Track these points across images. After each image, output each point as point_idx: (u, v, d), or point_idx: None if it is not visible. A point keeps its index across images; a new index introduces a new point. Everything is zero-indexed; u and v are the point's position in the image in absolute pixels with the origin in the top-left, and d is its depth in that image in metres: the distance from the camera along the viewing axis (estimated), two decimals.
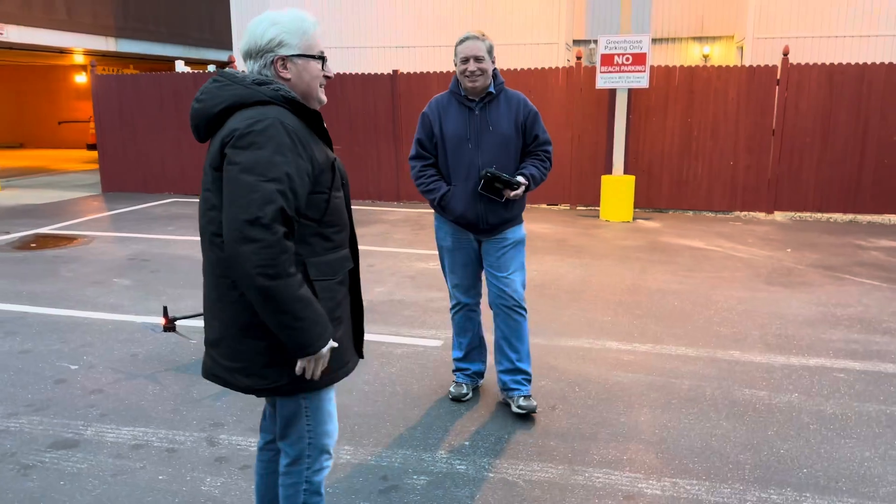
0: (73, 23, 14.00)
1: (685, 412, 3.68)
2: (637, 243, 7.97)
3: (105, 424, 3.49)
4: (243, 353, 1.92)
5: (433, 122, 3.52)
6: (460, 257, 3.64)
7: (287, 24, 1.93)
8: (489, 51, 3.42)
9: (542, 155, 3.62)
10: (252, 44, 1.95)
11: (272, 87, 1.90)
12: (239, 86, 1.90)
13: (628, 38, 9.03)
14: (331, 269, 1.97)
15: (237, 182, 1.78)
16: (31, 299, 5.61)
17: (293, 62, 1.95)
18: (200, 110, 1.93)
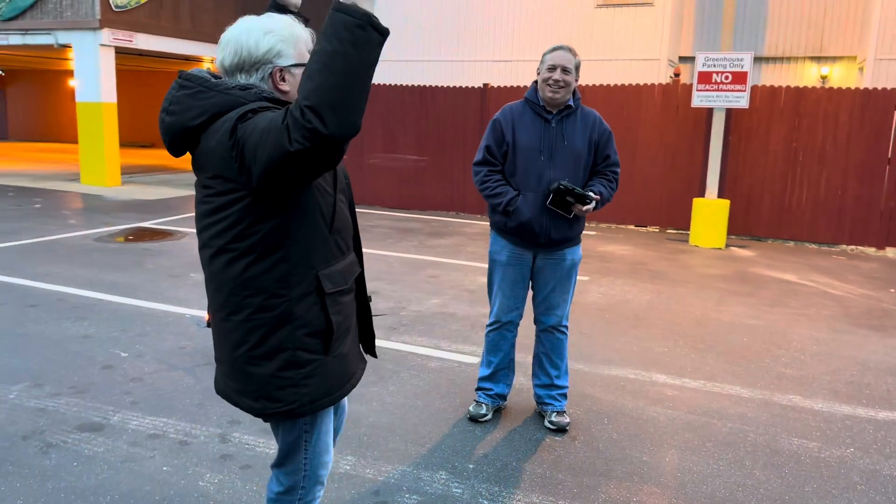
0: (196, 32, 14.96)
1: (717, 457, 3.40)
2: (722, 272, 7.51)
3: (132, 412, 3.64)
4: (253, 376, 1.82)
5: (505, 129, 3.46)
6: (512, 274, 3.55)
7: (280, 31, 1.77)
8: (577, 67, 3.37)
9: (611, 175, 3.51)
10: (244, 55, 1.76)
11: (254, 90, 1.74)
12: (216, 93, 1.72)
13: (728, 55, 8.57)
14: (342, 278, 1.88)
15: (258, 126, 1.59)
16: (110, 288, 5.99)
17: (290, 73, 1.79)
18: (174, 123, 1.75)
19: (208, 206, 1.76)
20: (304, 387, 1.82)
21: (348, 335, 1.94)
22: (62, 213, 9.94)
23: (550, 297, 3.55)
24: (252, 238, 1.73)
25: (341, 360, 1.90)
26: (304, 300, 1.79)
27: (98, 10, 12.79)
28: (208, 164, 1.72)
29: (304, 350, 1.81)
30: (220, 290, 1.81)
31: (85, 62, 13.17)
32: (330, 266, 1.83)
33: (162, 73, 24.82)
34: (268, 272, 1.75)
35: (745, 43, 12.56)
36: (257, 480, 3.03)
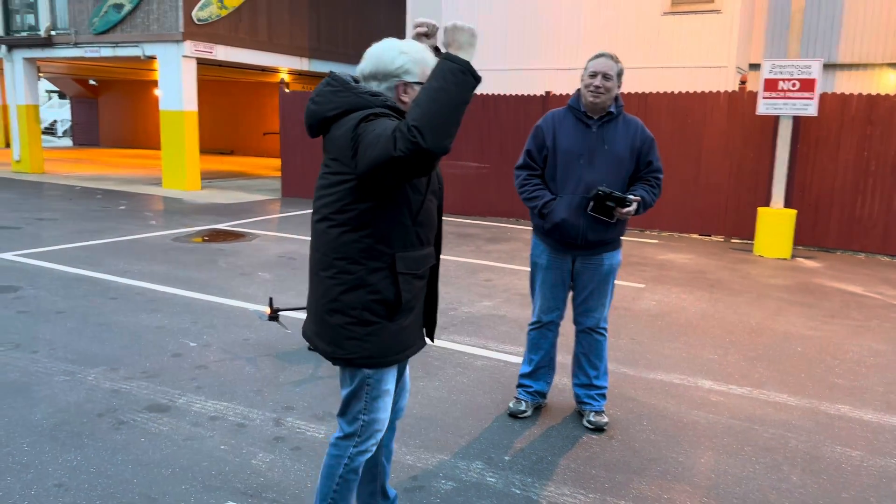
0: (272, 44, 15.60)
1: (754, 461, 3.42)
2: (785, 282, 7.37)
3: (197, 396, 3.93)
4: (328, 323, 2.21)
5: (546, 134, 3.59)
6: (552, 277, 3.67)
7: (413, 54, 2.19)
8: (619, 74, 3.48)
9: (653, 181, 3.60)
10: (381, 67, 2.18)
11: (381, 98, 2.15)
12: (352, 94, 2.15)
13: (796, 62, 8.40)
14: (415, 264, 2.22)
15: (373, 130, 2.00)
16: (185, 283, 6.39)
17: (413, 88, 2.19)
18: (315, 112, 2.20)
19: (324, 182, 2.19)
20: (365, 342, 2.19)
21: (412, 313, 2.28)
22: (144, 215, 10.57)
23: (589, 300, 3.65)
24: (349, 213, 2.13)
25: (402, 330, 2.25)
26: (378, 272, 2.16)
27: (181, 24, 13.53)
28: (332, 148, 2.15)
29: (370, 312, 2.18)
30: (317, 250, 2.23)
31: (168, 73, 13.94)
32: (407, 251, 2.19)
33: (241, 83, 25.88)
34: (355, 243, 2.15)
35: (818, 50, 12.21)
36: (306, 461, 3.25)
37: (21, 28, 16.06)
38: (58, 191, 13.30)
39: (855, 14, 11.91)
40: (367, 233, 2.14)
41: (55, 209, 10.86)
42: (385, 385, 2.30)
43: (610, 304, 3.75)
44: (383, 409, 2.32)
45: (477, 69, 1.99)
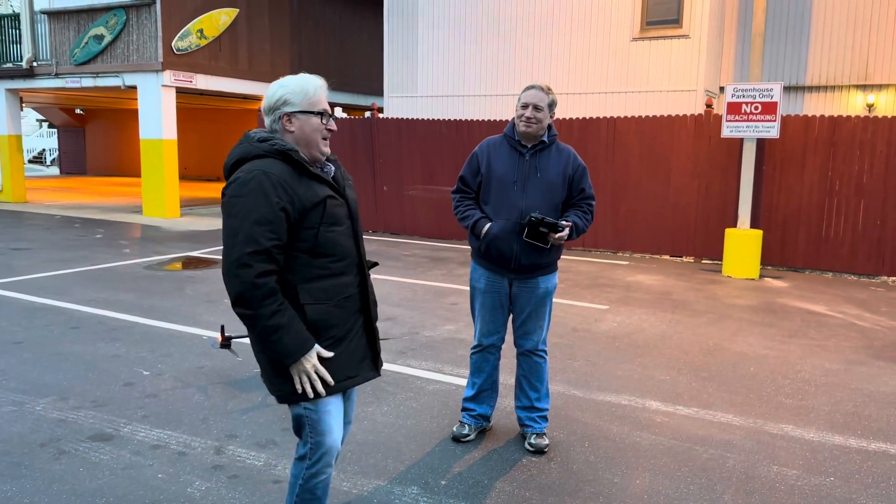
0: (253, 73, 15.76)
1: (689, 482, 3.46)
2: (749, 303, 7.45)
3: (142, 424, 3.95)
4: (261, 361, 2.34)
5: (481, 161, 3.69)
6: (490, 300, 3.73)
7: (292, 85, 2.31)
8: (550, 105, 3.58)
9: (585, 207, 3.68)
10: (267, 102, 2.33)
11: (269, 142, 2.26)
12: (247, 143, 2.29)
13: (757, 86, 8.56)
14: (325, 294, 2.29)
15: (225, 226, 2.19)
16: (147, 312, 6.41)
17: (296, 117, 2.29)
18: (225, 163, 2.36)
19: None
20: (289, 377, 2.28)
21: (340, 343, 2.34)
22: (119, 243, 10.60)
23: (527, 323, 3.71)
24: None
25: (327, 362, 2.30)
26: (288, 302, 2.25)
27: (160, 54, 13.67)
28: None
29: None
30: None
31: (148, 102, 14.05)
32: (311, 283, 2.27)
33: (226, 110, 26.06)
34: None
35: (787, 72, 12.43)
36: (241, 489, 3.27)
37: (4, 59, 16.18)
38: (37, 220, 13.33)
39: (821, 36, 12.15)
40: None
41: (31, 239, 10.88)
42: (324, 407, 2.34)
43: (549, 327, 3.81)
44: (328, 432, 2.36)
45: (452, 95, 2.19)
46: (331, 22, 17.99)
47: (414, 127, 11.76)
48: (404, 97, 13.72)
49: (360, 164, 12.36)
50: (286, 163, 2.25)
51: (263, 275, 2.14)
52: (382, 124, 12.07)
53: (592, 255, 10.44)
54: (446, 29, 13.11)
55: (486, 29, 12.69)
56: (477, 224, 3.61)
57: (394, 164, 12.07)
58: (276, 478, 3.38)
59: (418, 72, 13.49)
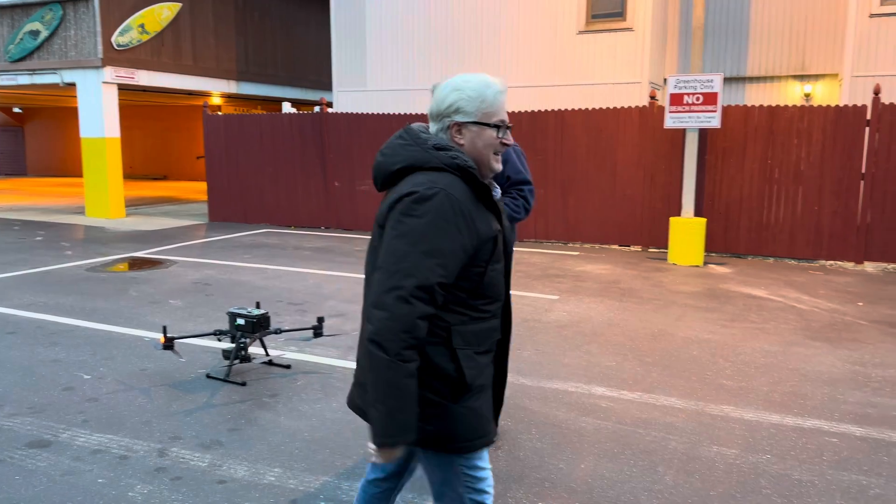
0: (198, 68, 15.45)
1: (632, 464, 3.53)
2: (693, 289, 7.62)
3: (82, 430, 3.85)
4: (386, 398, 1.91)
5: None
6: None
7: (468, 90, 1.95)
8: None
9: (516, 194, 3.71)
10: (434, 106, 1.99)
11: (450, 153, 1.90)
12: (419, 148, 1.92)
13: (699, 77, 8.76)
14: (476, 339, 1.95)
15: (390, 247, 1.82)
16: (89, 315, 6.25)
17: (468, 129, 1.95)
18: (382, 164, 1.98)
19: (373, 241, 1.97)
20: (428, 424, 1.91)
21: (483, 392, 1.99)
22: (61, 245, 10.30)
23: None
24: None
25: (471, 412, 1.94)
26: (436, 347, 1.89)
27: (100, 50, 13.30)
28: (383, 208, 1.92)
29: (431, 391, 1.90)
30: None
31: (88, 99, 13.66)
32: (465, 325, 1.92)
33: (172, 107, 25.50)
34: None
35: (728, 64, 12.74)
36: (185, 491, 3.22)
37: None
38: None
39: (760, 28, 12.48)
40: None
41: None
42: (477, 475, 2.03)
43: None
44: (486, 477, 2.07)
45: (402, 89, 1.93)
46: (277, 15, 17.74)
47: (364, 121, 11.70)
48: (354, 91, 13.63)
49: (310, 160, 12.25)
50: (466, 183, 1.89)
51: (422, 318, 1.79)
52: (332, 119, 11.97)
53: (544, 246, 10.55)
54: (395, 22, 13.06)
55: (435, 22, 12.68)
56: None
57: (345, 160, 11.99)
58: (220, 478, 3.34)
59: (367, 66, 13.41)
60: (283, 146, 12.46)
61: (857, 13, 10.34)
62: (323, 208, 12.29)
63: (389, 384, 1.77)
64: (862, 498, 3.22)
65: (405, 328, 1.76)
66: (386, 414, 1.79)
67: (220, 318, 6.24)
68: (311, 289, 7.45)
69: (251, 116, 12.67)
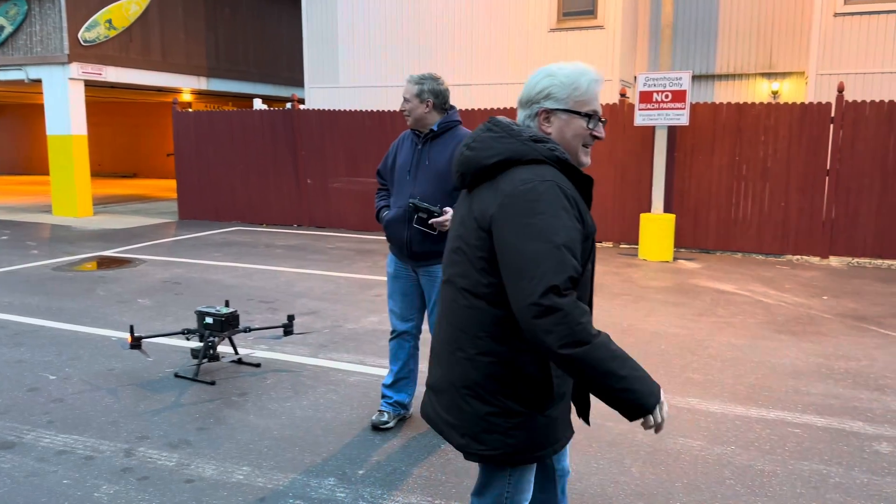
0: (167, 64, 15.25)
1: (600, 457, 3.58)
2: (663, 284, 7.72)
3: (47, 430, 3.80)
4: (465, 412, 1.88)
5: (390, 154, 3.84)
6: (399, 286, 3.78)
7: (561, 76, 1.88)
8: (419, 94, 3.61)
9: None
10: (525, 92, 1.92)
11: (548, 145, 1.83)
12: (515, 140, 1.83)
13: (668, 74, 8.86)
14: None
15: (523, 253, 1.70)
16: (55, 314, 6.15)
17: (557, 116, 1.88)
18: (472, 158, 1.88)
19: (457, 244, 1.90)
20: (509, 437, 1.85)
21: (562, 401, 1.94)
22: (26, 244, 10.11)
23: (435, 311, 3.75)
24: (487, 286, 1.82)
25: (551, 423, 1.90)
26: (525, 354, 1.83)
27: (66, 46, 13.07)
28: (478, 206, 1.85)
29: (516, 401, 1.85)
30: (452, 325, 1.92)
31: (54, 96, 13.42)
32: None
33: (142, 104, 25.14)
34: (497, 318, 1.83)
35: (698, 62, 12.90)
36: (152, 490, 3.19)
37: None
38: None
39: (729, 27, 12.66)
40: (509, 308, 1.81)
41: None
42: (526, 481, 2.00)
43: None
44: (528, 488, 2.03)
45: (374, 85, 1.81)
46: (249, 10, 17.58)
47: (336, 118, 11.65)
48: (326, 88, 13.56)
49: (282, 157, 12.17)
50: (567, 177, 1.84)
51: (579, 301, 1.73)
52: (304, 116, 11.90)
53: None
54: (367, 18, 13.01)
55: (407, 18, 12.67)
56: (379, 213, 3.80)
57: (317, 157, 11.93)
58: (188, 477, 3.32)
59: (339, 62, 13.35)
60: (254, 143, 12.36)
61: (822, 12, 10.54)
62: (295, 206, 12.22)
63: (612, 358, 1.68)
64: (823, 487, 3.30)
65: (581, 314, 1.67)
66: (635, 380, 1.70)
67: (189, 317, 6.18)
68: (282, 287, 7.41)
69: (222, 113, 12.55)
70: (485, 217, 1.81)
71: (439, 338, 1.98)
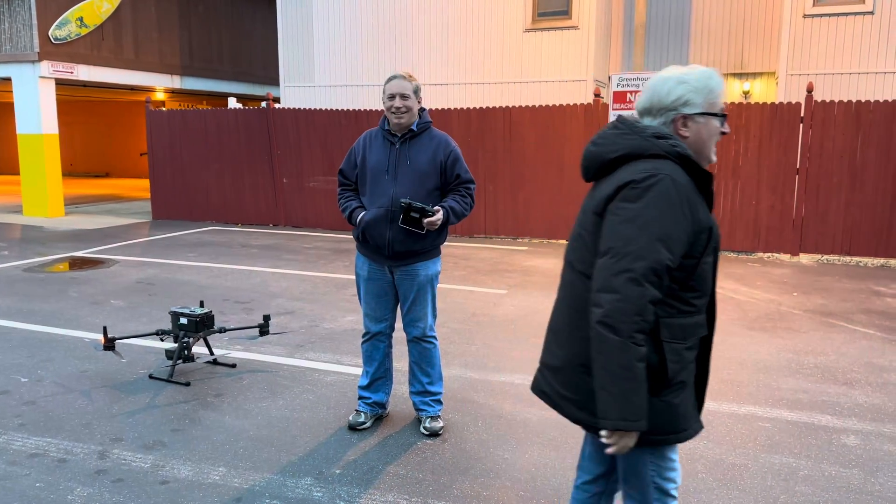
0: (140, 62, 15.07)
1: (575, 453, 3.62)
2: None
3: (19, 434, 3.75)
4: (583, 388, 1.98)
5: (357, 154, 3.77)
6: (374, 288, 3.76)
7: (694, 82, 1.96)
8: (415, 91, 3.62)
9: (463, 191, 3.76)
10: (655, 101, 1.98)
11: (670, 141, 1.92)
12: (638, 136, 1.95)
13: (641, 75, 8.95)
14: (682, 333, 1.94)
15: (617, 232, 1.83)
16: (27, 316, 6.06)
17: (694, 120, 1.96)
18: (596, 154, 2.01)
19: (583, 231, 2.01)
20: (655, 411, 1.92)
21: (682, 390, 1.97)
22: None
23: (412, 310, 3.76)
24: None
25: (670, 408, 1.94)
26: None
27: (37, 44, 12.87)
28: (600, 196, 1.96)
29: None
30: (570, 306, 2.03)
31: (24, 95, 13.20)
32: (673, 318, 1.91)
33: (114, 102, 24.81)
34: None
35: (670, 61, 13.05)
36: (126, 492, 3.17)
37: None
38: None
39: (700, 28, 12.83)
40: None
41: None
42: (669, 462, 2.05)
43: (435, 313, 3.87)
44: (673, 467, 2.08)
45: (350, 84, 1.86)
46: (223, 8, 17.44)
47: (312, 117, 11.60)
48: (301, 87, 13.50)
49: (258, 156, 12.09)
50: (686, 172, 1.92)
51: (652, 302, 1.80)
52: (279, 115, 11.84)
53: (493, 241, 10.64)
54: (342, 16, 12.98)
55: (382, 17, 12.65)
56: (353, 213, 3.70)
57: (293, 156, 11.87)
58: (163, 479, 3.30)
59: (315, 61, 13.30)
60: (229, 142, 12.27)
61: (791, 14, 10.72)
62: (271, 205, 12.15)
63: (623, 366, 1.78)
64: (792, 479, 3.37)
65: (637, 310, 1.77)
66: (621, 396, 1.79)
67: (163, 317, 6.13)
68: (257, 287, 7.38)
69: (196, 112, 12.44)
70: (600, 203, 1.94)
71: (559, 318, 2.09)
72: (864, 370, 4.93)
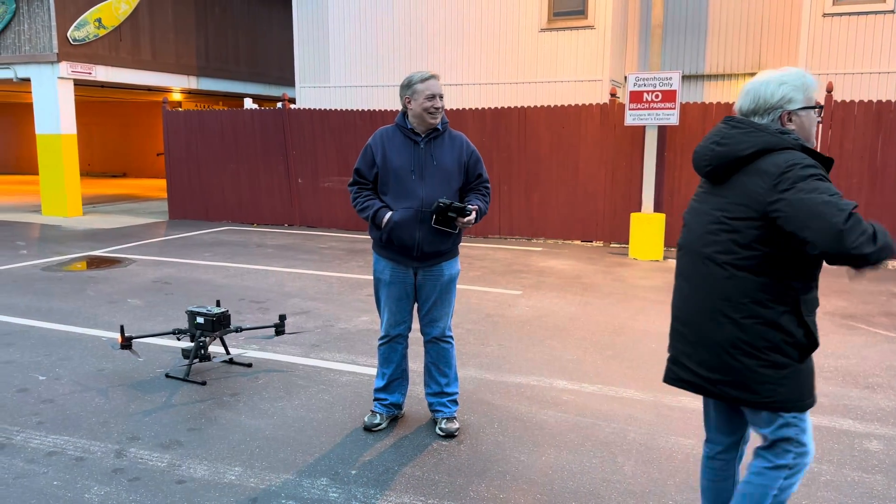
0: (157, 63, 15.18)
1: (592, 455, 3.58)
2: (654, 283, 7.75)
3: (37, 432, 3.78)
4: (735, 368, 2.22)
5: (375, 153, 3.68)
6: (395, 291, 3.74)
7: (793, 81, 2.24)
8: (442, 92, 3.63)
9: (484, 190, 3.77)
10: (761, 102, 2.25)
11: (791, 136, 2.19)
12: (766, 133, 2.18)
13: (658, 74, 8.89)
14: (811, 306, 2.22)
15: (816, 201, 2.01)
16: (45, 315, 6.11)
17: (797, 115, 2.25)
18: (725, 152, 2.23)
19: (720, 226, 2.24)
20: (780, 385, 2.21)
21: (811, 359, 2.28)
22: (16, 244, 10.04)
23: (433, 310, 3.74)
24: (752, 257, 2.17)
25: (810, 371, 2.26)
26: (786, 315, 2.18)
27: (55, 45, 12.98)
28: (740, 191, 2.19)
29: (783, 354, 2.19)
30: (710, 295, 2.26)
31: (43, 95, 13.33)
32: (808, 294, 2.21)
33: (132, 103, 25.01)
34: (760, 285, 2.17)
35: (687, 62, 12.95)
36: (143, 491, 3.18)
37: None
38: None
39: (718, 27, 12.71)
40: (772, 275, 2.16)
41: None
42: (807, 423, 2.30)
43: (453, 312, 3.86)
44: (809, 437, 2.32)
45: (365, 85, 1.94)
46: (239, 9, 17.52)
47: (328, 118, 11.62)
48: (317, 87, 13.53)
49: (273, 157, 12.13)
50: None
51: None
52: (295, 115, 11.87)
53: (508, 242, 10.61)
54: (358, 17, 12.99)
55: (398, 17, 12.65)
56: (378, 213, 3.61)
57: (308, 156, 11.90)
58: (180, 478, 3.30)
59: (330, 61, 13.32)
60: (244, 143, 12.32)
61: (810, 12, 10.60)
62: (286, 205, 12.19)
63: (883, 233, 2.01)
64: (814, 484, 3.32)
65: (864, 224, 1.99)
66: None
67: (179, 317, 6.15)
68: (273, 287, 7.39)
69: (212, 112, 12.50)
70: (755, 198, 2.14)
71: (692, 309, 2.32)
72: (887, 374, 4.85)
